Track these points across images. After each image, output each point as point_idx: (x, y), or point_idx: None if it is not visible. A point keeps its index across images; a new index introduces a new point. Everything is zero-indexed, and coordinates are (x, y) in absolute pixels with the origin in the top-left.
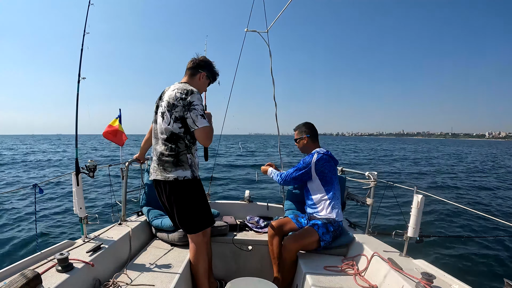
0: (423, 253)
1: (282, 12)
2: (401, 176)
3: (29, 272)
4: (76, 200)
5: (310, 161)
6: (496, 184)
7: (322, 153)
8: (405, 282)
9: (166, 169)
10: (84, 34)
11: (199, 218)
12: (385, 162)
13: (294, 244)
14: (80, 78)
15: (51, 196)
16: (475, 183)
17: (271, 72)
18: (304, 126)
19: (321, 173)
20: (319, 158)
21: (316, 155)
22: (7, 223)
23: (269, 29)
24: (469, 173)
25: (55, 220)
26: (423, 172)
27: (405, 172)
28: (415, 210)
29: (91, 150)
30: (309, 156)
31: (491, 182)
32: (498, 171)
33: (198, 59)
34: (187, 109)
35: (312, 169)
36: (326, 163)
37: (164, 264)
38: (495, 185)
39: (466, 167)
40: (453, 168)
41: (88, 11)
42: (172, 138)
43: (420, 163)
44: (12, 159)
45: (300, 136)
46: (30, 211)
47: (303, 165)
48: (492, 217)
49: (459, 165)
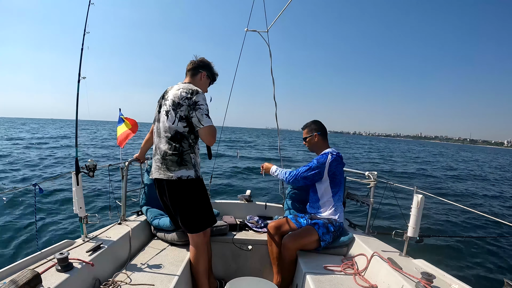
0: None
1: (282, 12)
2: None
3: (29, 272)
4: (76, 199)
5: (324, 161)
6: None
7: (335, 154)
8: (405, 282)
9: (170, 168)
10: (84, 34)
11: (202, 218)
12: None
13: (293, 242)
14: (80, 78)
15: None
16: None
17: (271, 72)
18: (314, 124)
19: (332, 174)
20: (334, 159)
21: (330, 156)
22: (7, 223)
23: (269, 29)
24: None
25: (55, 219)
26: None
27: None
28: (415, 210)
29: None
30: (323, 156)
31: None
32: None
33: (197, 60)
34: (192, 109)
35: (326, 170)
36: (339, 165)
37: (164, 263)
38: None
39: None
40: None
41: (89, 11)
42: (176, 137)
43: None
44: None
45: (310, 134)
46: (30, 211)
47: (317, 165)
48: (492, 217)
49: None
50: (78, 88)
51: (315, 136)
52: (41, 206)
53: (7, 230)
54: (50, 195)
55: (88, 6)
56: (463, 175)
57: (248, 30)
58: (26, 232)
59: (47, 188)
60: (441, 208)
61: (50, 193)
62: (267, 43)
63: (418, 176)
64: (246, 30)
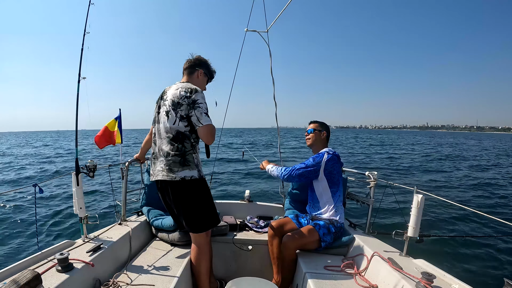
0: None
1: (282, 12)
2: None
3: (29, 272)
4: (76, 200)
5: (320, 160)
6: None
7: (331, 153)
8: (405, 282)
9: (172, 169)
10: (84, 34)
11: (206, 218)
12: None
13: (293, 242)
14: (80, 78)
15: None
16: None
17: (271, 72)
18: (325, 125)
19: (329, 173)
20: (330, 158)
21: (326, 155)
22: (7, 223)
23: (269, 29)
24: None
25: (55, 219)
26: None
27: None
28: (415, 209)
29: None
30: (319, 155)
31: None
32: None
33: (193, 59)
34: (192, 107)
35: (321, 169)
36: (336, 164)
37: (164, 264)
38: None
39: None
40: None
41: (89, 11)
42: (178, 138)
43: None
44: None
45: (319, 129)
46: (30, 211)
47: (313, 163)
48: (492, 217)
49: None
50: (78, 89)
51: (323, 133)
52: (41, 206)
53: (7, 230)
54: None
55: (88, 6)
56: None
57: (248, 30)
58: (26, 232)
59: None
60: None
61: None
62: (267, 43)
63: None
64: (246, 30)
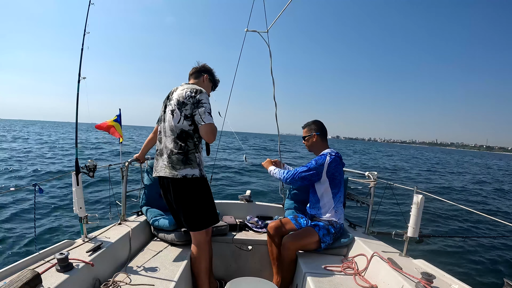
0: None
1: (282, 12)
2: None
3: (29, 272)
4: (76, 199)
5: (323, 162)
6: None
7: (334, 154)
8: (405, 282)
9: (175, 166)
10: (84, 34)
11: (205, 216)
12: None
13: (293, 243)
14: (80, 78)
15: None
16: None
17: (271, 72)
18: (314, 124)
19: (331, 175)
20: (332, 160)
21: (328, 157)
22: (6, 223)
23: (269, 29)
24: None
25: (55, 219)
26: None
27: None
28: (415, 210)
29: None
30: (321, 157)
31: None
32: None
33: (199, 66)
34: (196, 106)
35: (324, 171)
36: (338, 165)
37: (164, 264)
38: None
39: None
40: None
41: (89, 11)
42: (182, 136)
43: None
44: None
45: (309, 134)
46: (30, 211)
47: (315, 166)
48: (491, 217)
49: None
50: (78, 89)
51: (313, 136)
52: (41, 206)
53: (7, 230)
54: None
55: (88, 6)
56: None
57: (248, 30)
58: (26, 232)
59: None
60: (441, 208)
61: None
62: (267, 43)
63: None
64: (246, 31)
